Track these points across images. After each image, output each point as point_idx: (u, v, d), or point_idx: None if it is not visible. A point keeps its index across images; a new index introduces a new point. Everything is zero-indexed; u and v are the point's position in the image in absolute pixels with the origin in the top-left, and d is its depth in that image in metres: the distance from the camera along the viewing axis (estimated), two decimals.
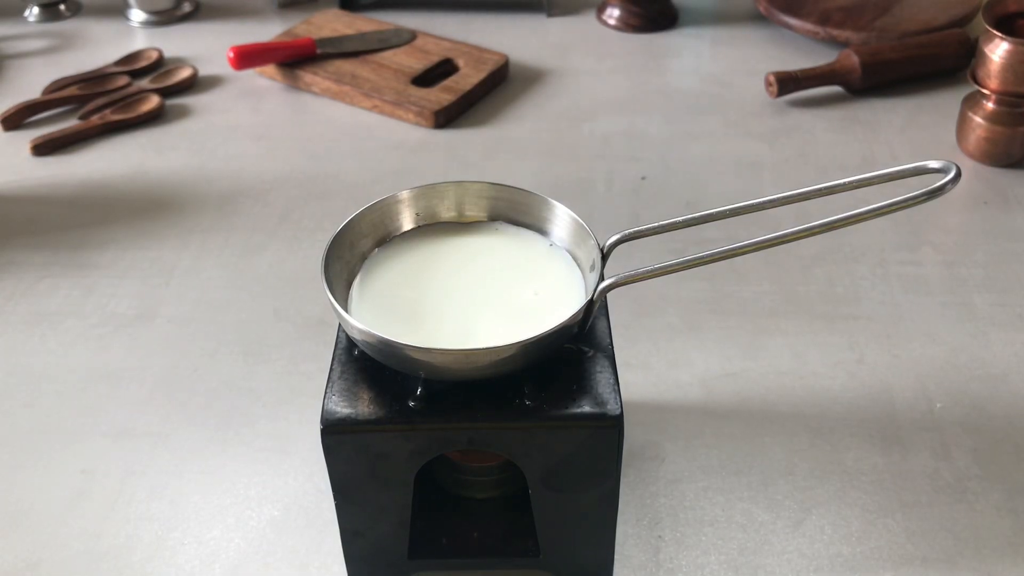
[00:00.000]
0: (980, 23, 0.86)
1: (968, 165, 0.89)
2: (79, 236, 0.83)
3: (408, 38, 1.08)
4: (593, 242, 0.49)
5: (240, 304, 0.76)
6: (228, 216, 0.85)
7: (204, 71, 1.06)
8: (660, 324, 0.73)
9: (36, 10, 1.19)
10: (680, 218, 0.49)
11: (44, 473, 0.62)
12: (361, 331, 0.45)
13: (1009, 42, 0.83)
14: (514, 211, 0.54)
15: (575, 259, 0.52)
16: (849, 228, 0.43)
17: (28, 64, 1.10)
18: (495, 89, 1.02)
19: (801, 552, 0.57)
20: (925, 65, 1.00)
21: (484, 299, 0.50)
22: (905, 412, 0.65)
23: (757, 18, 1.13)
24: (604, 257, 0.49)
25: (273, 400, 0.67)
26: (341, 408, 0.47)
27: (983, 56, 0.85)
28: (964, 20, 1.05)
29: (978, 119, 0.87)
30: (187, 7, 1.19)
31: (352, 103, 1.00)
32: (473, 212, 0.55)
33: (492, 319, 0.49)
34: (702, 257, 0.44)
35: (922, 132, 0.94)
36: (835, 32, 1.04)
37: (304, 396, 0.67)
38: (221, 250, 0.81)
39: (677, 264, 0.45)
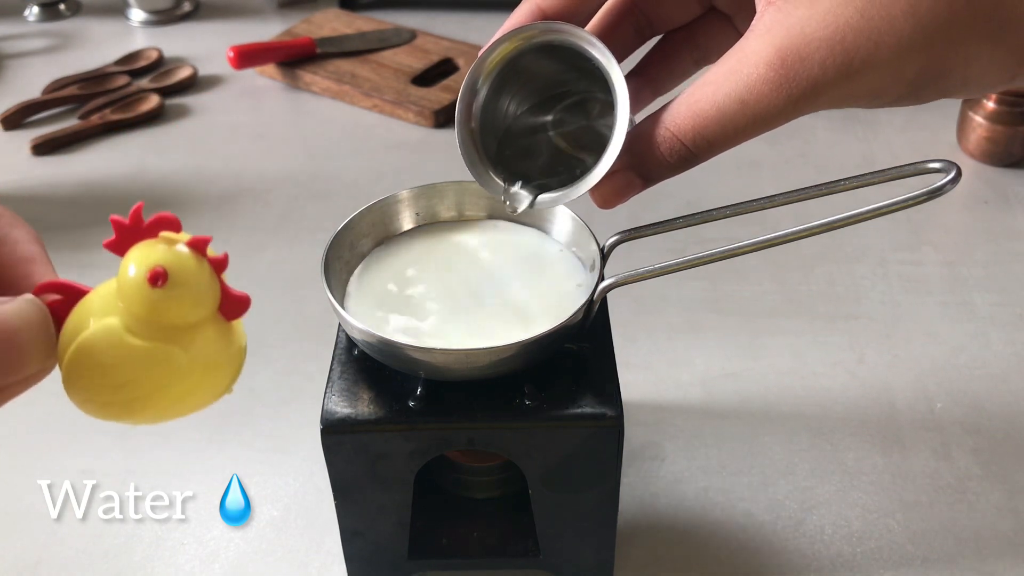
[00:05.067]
0: None
1: (968, 164, 0.89)
2: (79, 236, 0.83)
3: (408, 38, 1.08)
4: (593, 242, 0.49)
5: None
6: (228, 216, 0.85)
7: (204, 71, 1.06)
8: (660, 324, 0.73)
9: (36, 10, 1.19)
10: (680, 217, 0.49)
11: (44, 473, 0.62)
12: (361, 331, 0.45)
13: None
14: None
15: (575, 258, 0.52)
16: (849, 228, 0.43)
17: (28, 64, 1.10)
18: None
19: (801, 552, 0.57)
20: None
21: (484, 299, 0.50)
22: (905, 412, 0.65)
23: None
24: (604, 257, 0.49)
25: (273, 400, 0.67)
26: (341, 408, 0.47)
27: None
28: None
29: (978, 118, 0.87)
30: (187, 7, 1.19)
31: (352, 103, 1.00)
32: (473, 211, 0.55)
33: (492, 319, 0.49)
34: (702, 257, 0.44)
35: (922, 131, 0.94)
36: None
37: (304, 396, 0.67)
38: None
39: (677, 264, 0.45)
